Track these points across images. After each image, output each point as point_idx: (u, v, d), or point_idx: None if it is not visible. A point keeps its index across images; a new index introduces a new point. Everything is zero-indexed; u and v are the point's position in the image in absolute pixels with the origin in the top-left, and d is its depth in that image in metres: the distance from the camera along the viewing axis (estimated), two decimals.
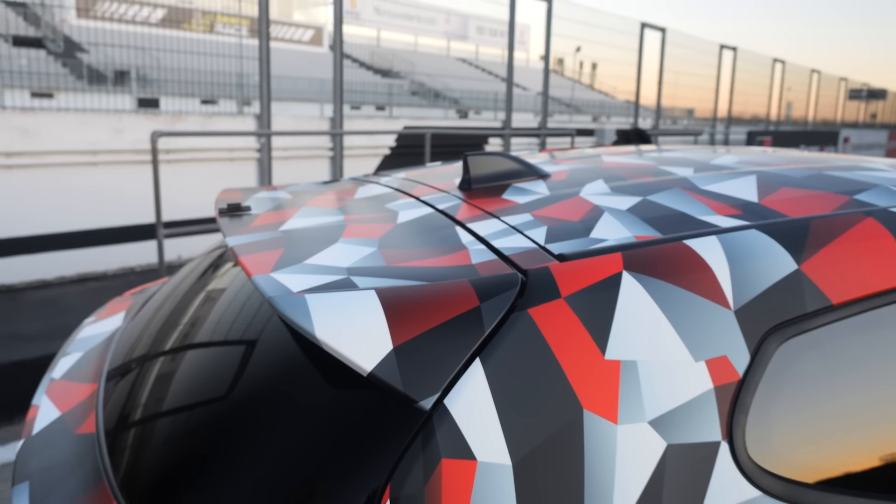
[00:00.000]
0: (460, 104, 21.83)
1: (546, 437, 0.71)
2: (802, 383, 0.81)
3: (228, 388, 0.86)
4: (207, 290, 1.20)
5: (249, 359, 0.88)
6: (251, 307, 1.00)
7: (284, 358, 0.84)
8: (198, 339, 1.01)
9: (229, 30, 29.93)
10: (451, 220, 1.05)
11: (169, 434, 0.85)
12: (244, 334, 0.94)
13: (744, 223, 0.93)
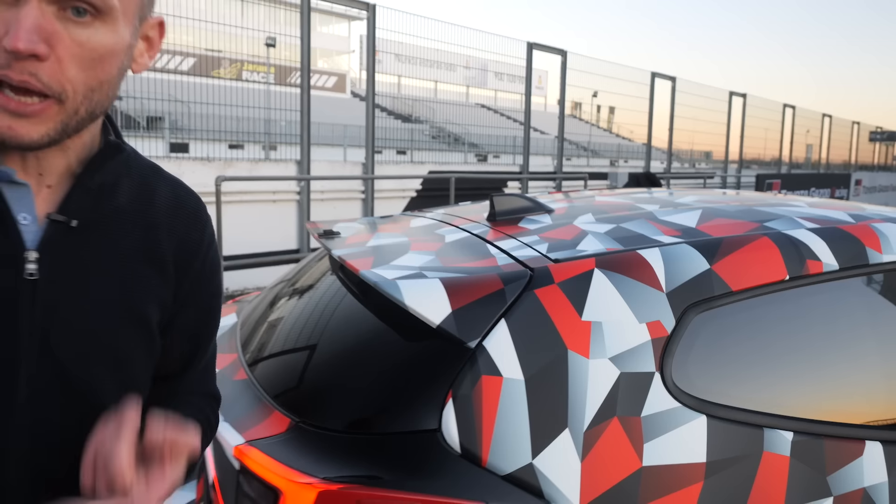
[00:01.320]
0: (479, 148, 22.39)
1: (544, 365, 1.17)
2: (707, 339, 1.27)
3: (340, 341, 1.34)
4: (307, 287, 1.69)
5: (352, 321, 1.36)
6: (343, 293, 1.48)
7: (377, 321, 1.32)
8: (311, 315, 1.49)
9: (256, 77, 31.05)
10: (482, 240, 1.53)
11: (299, 370, 1.33)
12: (346, 309, 1.42)
13: (680, 240, 1.40)
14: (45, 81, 0.67)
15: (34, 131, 0.69)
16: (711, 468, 1.19)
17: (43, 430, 0.76)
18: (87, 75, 0.71)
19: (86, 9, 0.69)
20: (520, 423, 1.13)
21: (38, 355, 0.75)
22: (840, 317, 1.40)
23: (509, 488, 1.10)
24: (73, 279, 0.77)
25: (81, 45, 0.69)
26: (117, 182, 0.81)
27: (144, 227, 0.83)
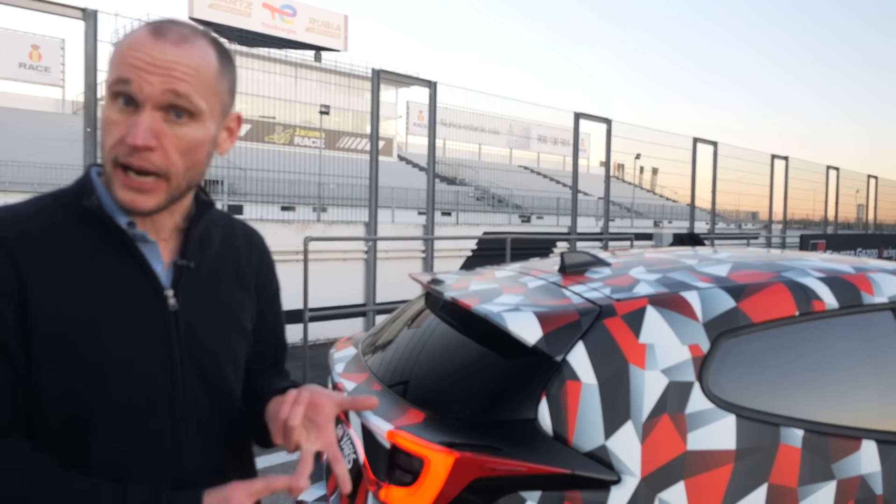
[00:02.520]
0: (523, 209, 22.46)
1: (611, 374, 1.60)
2: (734, 358, 1.69)
3: (455, 357, 1.79)
4: (414, 321, 2.16)
5: (462, 343, 1.82)
6: (449, 324, 1.94)
7: (484, 342, 1.77)
8: (426, 340, 1.96)
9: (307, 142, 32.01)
10: (558, 286, 1.98)
11: (426, 379, 1.78)
12: (454, 335, 1.88)
13: (713, 285, 1.83)
14: (156, 164, 0.94)
15: (150, 202, 0.96)
16: (739, 454, 1.59)
17: (196, 414, 1.05)
18: (185, 160, 0.97)
19: (182, 113, 0.95)
20: (595, 415, 1.56)
21: (188, 363, 1.03)
22: (840, 343, 1.81)
23: (588, 461, 1.52)
24: (199, 307, 1.06)
25: (180, 138, 0.95)
26: (210, 231, 1.11)
27: (233, 261, 1.15)
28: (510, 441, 1.54)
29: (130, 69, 0.91)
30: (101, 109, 0.96)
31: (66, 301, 0.94)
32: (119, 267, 0.98)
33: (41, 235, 0.95)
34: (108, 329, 0.96)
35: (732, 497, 1.56)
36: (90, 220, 0.98)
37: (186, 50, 0.94)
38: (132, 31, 0.96)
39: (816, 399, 1.72)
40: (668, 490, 1.53)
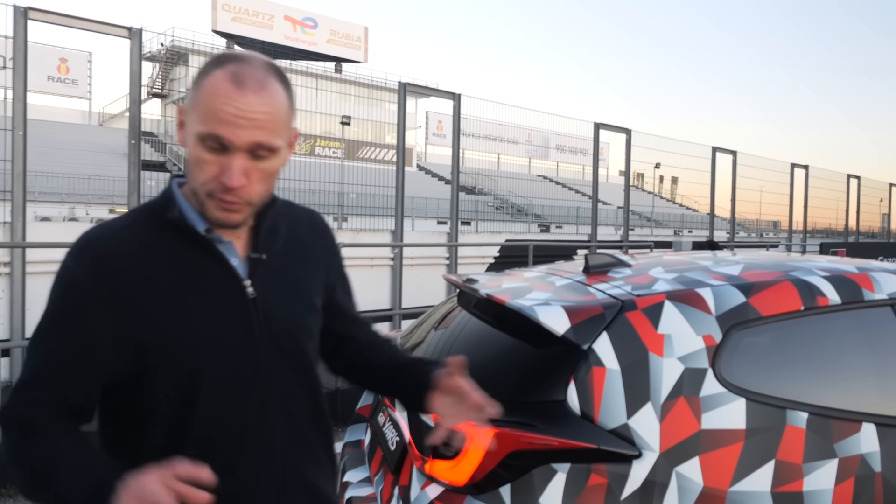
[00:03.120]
0: (542, 218, 22.53)
1: (633, 361, 1.78)
2: (744, 348, 1.86)
3: (492, 347, 1.99)
4: (449, 318, 2.35)
5: (496, 335, 2.01)
6: (482, 319, 2.13)
7: (516, 334, 1.96)
8: (462, 332, 2.15)
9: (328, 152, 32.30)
10: (583, 284, 2.17)
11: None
12: (488, 328, 2.08)
13: (725, 283, 2.01)
14: (244, 198, 1.11)
15: (238, 218, 1.13)
16: (749, 433, 1.76)
17: (281, 390, 1.20)
18: (265, 185, 1.14)
19: (264, 152, 1.10)
20: (618, 397, 1.74)
21: (268, 343, 1.17)
22: (842, 335, 1.98)
23: (612, 438, 1.71)
24: (273, 292, 1.20)
25: (263, 171, 1.11)
26: (276, 223, 1.24)
27: (299, 245, 1.29)
28: (543, 419, 1.73)
29: (221, 125, 1.05)
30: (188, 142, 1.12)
31: (158, 303, 1.10)
32: (202, 266, 1.15)
33: (134, 247, 1.12)
34: (199, 320, 1.13)
35: (743, 471, 1.73)
36: (175, 229, 1.14)
37: (264, 98, 1.08)
38: (209, 74, 1.09)
39: (820, 385, 1.90)
40: (685, 464, 1.71)
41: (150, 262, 1.12)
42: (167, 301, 1.11)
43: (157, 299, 1.10)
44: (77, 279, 1.09)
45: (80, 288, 1.09)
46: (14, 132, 4.60)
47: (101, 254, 1.11)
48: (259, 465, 1.18)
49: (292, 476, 1.22)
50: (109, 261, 1.10)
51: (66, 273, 1.11)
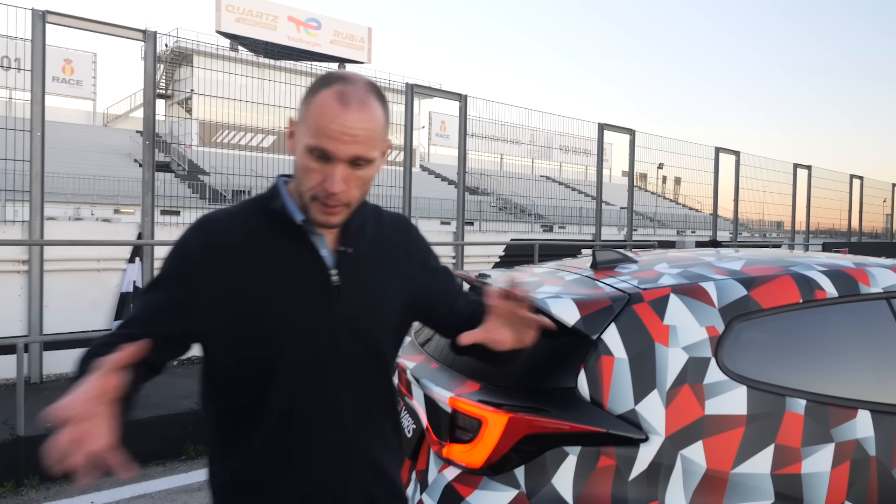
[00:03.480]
0: (545, 219, 22.55)
1: (640, 350, 1.88)
2: (745, 338, 1.96)
3: None
4: None
5: None
6: None
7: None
8: None
9: None
10: (591, 279, 2.27)
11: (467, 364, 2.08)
12: None
13: (727, 277, 2.11)
14: (344, 201, 1.26)
15: (337, 219, 1.29)
16: (750, 419, 1.86)
17: (355, 372, 1.33)
18: (361, 190, 1.29)
19: (362, 163, 1.25)
20: (626, 384, 1.84)
21: (346, 328, 1.32)
22: (839, 327, 2.08)
23: (620, 422, 1.81)
24: (356, 283, 1.34)
25: (360, 178, 1.27)
26: (364, 223, 1.39)
27: (382, 245, 1.43)
28: (555, 405, 1.83)
29: (327, 140, 1.21)
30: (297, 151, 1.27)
31: (258, 279, 1.27)
32: (297, 252, 1.31)
33: (245, 230, 1.30)
34: (286, 300, 1.28)
35: (744, 455, 1.83)
36: (277, 219, 1.31)
37: (365, 115, 1.23)
38: (318, 92, 1.24)
39: (817, 374, 1.99)
40: (689, 448, 1.81)
41: (252, 244, 1.29)
42: (261, 278, 1.27)
43: (253, 276, 1.27)
44: (189, 247, 1.29)
45: (190, 254, 1.28)
46: (32, 133, 4.71)
47: (212, 229, 1.31)
48: (329, 440, 1.32)
49: (360, 453, 1.35)
50: (218, 236, 1.29)
51: (182, 242, 1.31)
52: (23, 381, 3.91)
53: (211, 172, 19.54)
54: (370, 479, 1.37)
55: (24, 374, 5.04)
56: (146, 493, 3.75)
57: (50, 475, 3.85)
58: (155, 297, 1.28)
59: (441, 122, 45.13)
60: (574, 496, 1.75)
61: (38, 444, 3.89)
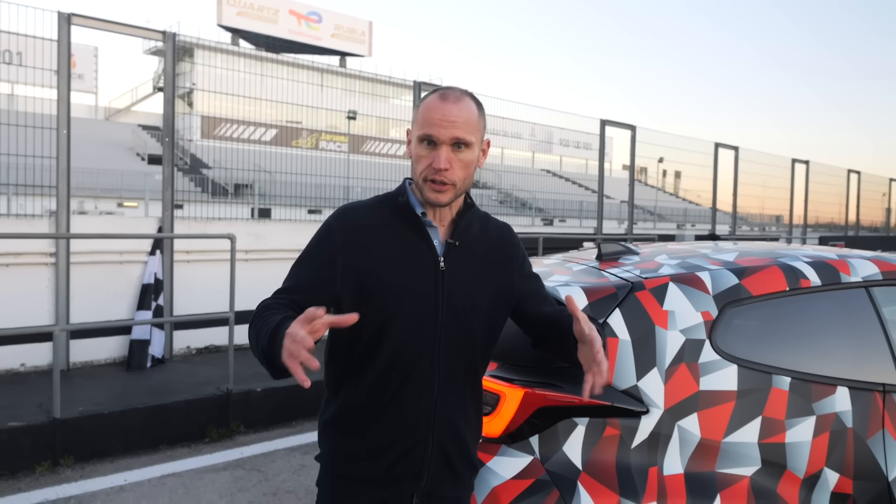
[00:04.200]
0: (545, 212, 22.64)
1: (641, 333, 2.10)
2: (737, 322, 2.18)
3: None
4: None
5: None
6: None
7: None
8: None
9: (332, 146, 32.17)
10: (597, 269, 2.48)
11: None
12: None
13: (721, 267, 2.32)
14: (449, 179, 1.55)
15: (445, 198, 1.57)
16: (740, 394, 2.08)
17: (448, 344, 1.60)
18: (463, 173, 1.57)
19: (461, 145, 1.55)
20: (629, 363, 2.06)
21: (446, 308, 1.59)
22: (821, 312, 2.29)
23: (624, 397, 2.02)
24: (460, 271, 1.62)
25: (461, 161, 1.56)
26: (471, 222, 1.68)
27: (485, 245, 1.71)
28: (566, 381, 2.04)
29: (432, 127, 1.51)
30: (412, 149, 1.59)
31: (381, 258, 1.56)
32: (413, 240, 1.59)
33: (376, 219, 1.60)
34: (402, 278, 1.56)
35: (734, 425, 2.05)
36: (401, 211, 1.61)
37: (461, 106, 1.54)
38: (425, 99, 1.58)
39: (801, 354, 2.21)
40: (685, 419, 2.03)
41: (382, 229, 1.59)
42: (385, 258, 1.57)
43: (379, 254, 1.56)
44: (332, 229, 1.59)
45: (332, 234, 1.58)
46: (59, 131, 4.92)
47: (350, 215, 1.61)
48: (419, 398, 1.59)
49: (442, 416, 1.61)
50: (354, 221, 1.59)
51: (326, 226, 1.61)
52: (59, 366, 4.13)
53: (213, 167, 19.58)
54: (448, 437, 1.64)
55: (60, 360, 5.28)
56: (174, 472, 3.98)
57: (84, 456, 4.09)
58: (306, 268, 1.57)
59: None
60: (583, 461, 1.97)
61: (73, 426, 4.12)
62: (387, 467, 1.61)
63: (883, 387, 2.22)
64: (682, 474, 2.00)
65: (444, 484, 1.68)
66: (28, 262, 5.14)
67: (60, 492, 3.68)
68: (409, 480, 1.63)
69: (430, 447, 1.62)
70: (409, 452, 1.61)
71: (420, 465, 1.62)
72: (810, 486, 2.08)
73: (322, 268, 1.55)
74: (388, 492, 1.63)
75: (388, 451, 1.60)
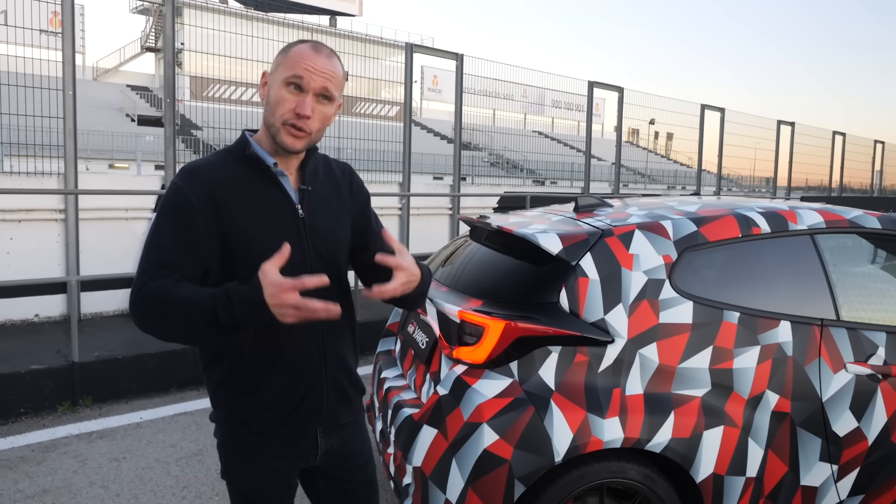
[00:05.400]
0: (536, 174, 22.75)
1: (609, 273, 2.38)
2: (695, 265, 2.47)
3: (500, 265, 2.59)
4: (464, 248, 2.94)
5: (504, 257, 2.61)
6: (490, 246, 2.72)
7: (520, 255, 2.56)
8: (476, 257, 2.76)
9: None
10: (574, 219, 2.76)
11: (481, 281, 2.58)
12: (497, 253, 2.67)
13: (683, 217, 2.60)
14: (308, 127, 1.52)
15: (300, 144, 1.54)
16: (694, 326, 2.38)
17: None
18: (320, 125, 1.55)
19: (326, 98, 1.53)
20: (597, 299, 2.35)
21: (313, 251, 1.58)
22: (770, 256, 2.59)
23: (592, 328, 2.32)
24: (316, 214, 1.61)
25: (322, 112, 1.54)
26: (316, 167, 1.67)
27: (333, 185, 1.70)
28: (542, 314, 2.34)
29: (303, 72, 1.50)
30: (271, 91, 1.53)
31: (242, 213, 1.52)
32: (268, 191, 1.57)
33: (225, 175, 1.55)
34: (267, 229, 1.54)
35: (688, 353, 2.35)
36: (250, 163, 1.57)
37: (332, 62, 1.55)
38: (292, 46, 1.55)
39: (750, 292, 2.51)
40: (646, 348, 2.33)
41: (235, 184, 1.55)
42: (246, 213, 1.54)
43: (240, 210, 1.53)
44: (184, 192, 1.50)
45: (187, 197, 1.49)
46: (65, 92, 5.11)
47: (201, 174, 1.54)
48: (307, 343, 1.61)
49: (331, 352, 1.66)
50: (207, 180, 1.53)
51: (176, 189, 1.51)
52: (76, 313, 4.41)
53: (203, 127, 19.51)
54: (338, 369, 1.68)
55: (62, 313, 5.55)
56: (185, 411, 4.29)
57: (101, 396, 4.39)
58: (170, 240, 1.48)
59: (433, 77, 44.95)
60: (555, 383, 2.28)
61: (91, 369, 4.41)
62: (289, 412, 1.62)
63: (821, 321, 2.53)
64: (641, 394, 2.31)
65: (342, 411, 1.71)
66: (39, 217, 5.37)
67: (83, 427, 3.99)
68: (311, 419, 1.65)
69: (326, 383, 1.65)
70: (307, 394, 1.63)
71: (320, 403, 1.65)
72: (754, 406, 2.40)
73: (188, 233, 1.48)
74: (292, 435, 1.66)
75: (288, 399, 1.61)
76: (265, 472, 1.67)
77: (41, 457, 3.60)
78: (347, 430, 1.76)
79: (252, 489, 1.67)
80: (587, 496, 2.36)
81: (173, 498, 3.20)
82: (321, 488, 1.79)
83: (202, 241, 1.49)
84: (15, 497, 3.17)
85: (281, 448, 1.66)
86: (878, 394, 2.53)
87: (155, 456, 3.64)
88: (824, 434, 2.48)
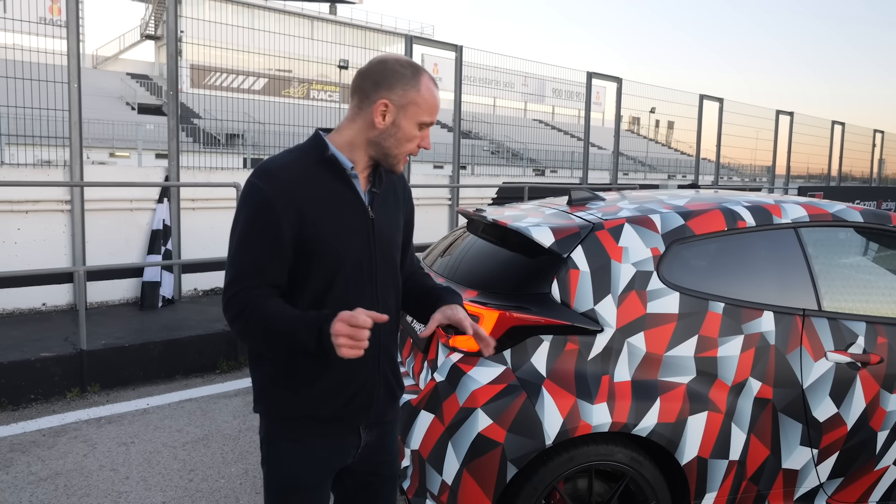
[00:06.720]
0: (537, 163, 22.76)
1: (599, 265, 2.49)
2: (682, 257, 2.57)
3: (495, 258, 2.69)
4: (460, 240, 3.04)
5: (498, 250, 2.71)
6: (486, 238, 2.82)
7: (514, 247, 2.66)
8: (472, 249, 2.86)
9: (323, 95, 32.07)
10: (566, 213, 2.86)
11: (477, 272, 2.69)
12: (491, 245, 2.77)
13: (671, 211, 2.70)
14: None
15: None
16: (681, 316, 2.48)
17: (382, 284, 1.70)
18: None
19: None
20: (588, 290, 2.45)
21: (377, 251, 1.68)
22: (755, 249, 2.69)
23: (583, 318, 2.42)
24: (382, 217, 1.71)
25: None
26: (381, 171, 1.73)
27: (393, 191, 1.79)
28: (534, 304, 2.44)
29: (434, 114, 1.63)
30: (403, 125, 1.60)
31: (322, 216, 1.58)
32: (344, 193, 1.64)
33: (304, 177, 1.59)
34: (342, 230, 1.62)
35: (675, 342, 2.46)
36: (327, 165, 1.62)
37: None
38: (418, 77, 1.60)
39: (735, 284, 2.61)
40: (633, 337, 2.44)
41: (313, 186, 1.60)
42: (324, 214, 1.60)
43: (320, 213, 1.59)
44: (267, 196, 1.54)
45: (269, 202, 1.53)
46: (70, 85, 5.19)
47: (280, 177, 1.56)
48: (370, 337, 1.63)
49: (385, 350, 1.74)
50: (288, 183, 1.56)
51: (258, 192, 1.54)
52: (84, 303, 4.52)
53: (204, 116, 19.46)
54: (388, 367, 1.77)
55: (68, 302, 5.66)
56: (191, 398, 4.41)
57: (108, 383, 4.51)
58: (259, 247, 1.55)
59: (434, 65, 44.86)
60: (547, 370, 2.39)
61: (98, 356, 4.53)
62: (343, 405, 1.67)
63: (803, 311, 2.63)
64: (629, 381, 2.42)
65: (388, 408, 1.78)
66: (46, 209, 5.47)
67: (91, 413, 4.11)
68: (361, 413, 1.71)
69: (378, 378, 1.72)
70: (362, 388, 1.68)
71: (371, 399, 1.71)
72: (737, 392, 2.51)
73: (274, 239, 1.54)
74: (340, 429, 1.71)
75: (343, 393, 1.66)
76: (310, 461, 1.71)
77: (52, 441, 3.72)
78: (386, 427, 1.83)
79: (294, 474, 1.71)
80: (576, 478, 2.48)
81: (181, 480, 3.32)
82: (347, 485, 1.84)
83: (286, 247, 1.55)
84: (29, 479, 3.29)
85: (328, 441, 1.71)
86: (857, 381, 2.64)
87: (162, 440, 3.76)
88: (805, 419, 2.59)
